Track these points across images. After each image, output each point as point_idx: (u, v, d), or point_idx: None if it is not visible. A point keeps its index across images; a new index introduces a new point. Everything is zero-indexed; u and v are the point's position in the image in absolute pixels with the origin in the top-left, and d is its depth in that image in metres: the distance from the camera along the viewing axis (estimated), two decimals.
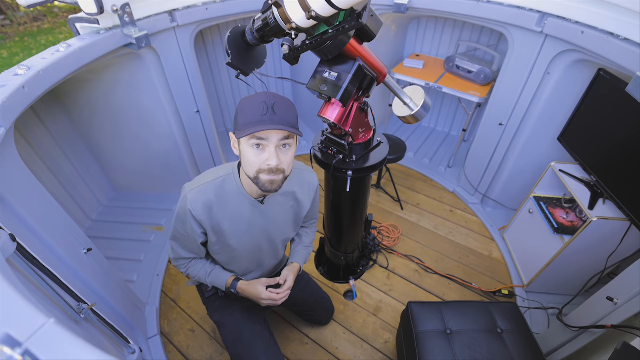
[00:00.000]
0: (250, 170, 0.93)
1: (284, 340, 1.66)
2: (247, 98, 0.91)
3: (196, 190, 1.01)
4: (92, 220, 2.26)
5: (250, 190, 1.04)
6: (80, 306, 1.05)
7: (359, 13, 0.87)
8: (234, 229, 1.08)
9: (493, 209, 2.36)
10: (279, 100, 0.89)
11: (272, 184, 0.92)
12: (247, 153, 0.91)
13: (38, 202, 1.08)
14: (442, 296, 1.87)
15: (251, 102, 0.89)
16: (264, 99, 0.88)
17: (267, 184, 0.92)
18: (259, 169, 0.91)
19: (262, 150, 0.90)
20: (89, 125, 2.08)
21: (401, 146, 2.22)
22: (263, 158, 0.90)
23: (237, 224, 1.08)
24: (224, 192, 1.03)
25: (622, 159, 1.41)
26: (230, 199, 1.04)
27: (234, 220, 1.07)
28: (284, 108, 0.89)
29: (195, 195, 1.00)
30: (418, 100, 1.24)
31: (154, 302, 1.80)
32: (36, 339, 0.39)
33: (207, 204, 1.01)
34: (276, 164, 0.89)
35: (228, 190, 1.03)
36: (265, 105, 0.87)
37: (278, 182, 0.93)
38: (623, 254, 1.47)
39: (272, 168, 0.89)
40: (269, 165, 0.89)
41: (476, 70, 2.32)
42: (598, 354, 1.23)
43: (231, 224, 1.07)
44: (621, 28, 1.31)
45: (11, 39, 7.14)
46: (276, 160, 0.89)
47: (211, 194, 1.02)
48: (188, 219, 1.02)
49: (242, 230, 1.10)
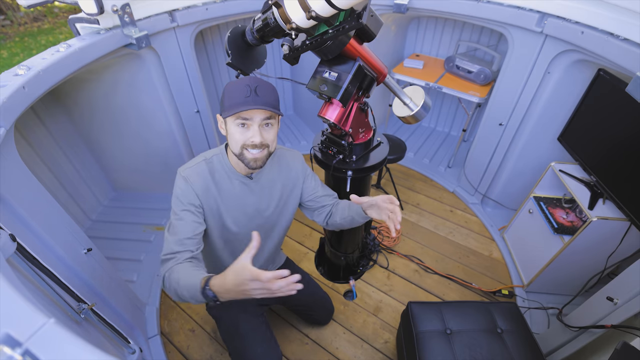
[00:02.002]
0: (235, 147, 1.00)
1: (284, 340, 1.66)
2: (232, 82, 0.98)
3: (191, 169, 1.07)
4: (92, 220, 2.26)
5: (238, 168, 1.09)
6: (80, 306, 1.05)
7: (359, 13, 0.87)
8: (228, 209, 1.11)
9: (493, 209, 2.36)
10: (261, 83, 0.96)
11: (256, 161, 1.00)
12: (233, 131, 0.98)
13: (38, 202, 1.08)
14: (442, 296, 1.87)
15: (236, 85, 0.95)
16: (247, 82, 0.94)
17: (252, 162, 1.00)
18: (244, 144, 0.98)
19: (246, 128, 0.97)
20: (89, 126, 2.08)
21: (401, 146, 2.22)
22: (247, 135, 0.97)
23: (230, 204, 1.11)
24: (215, 169, 1.09)
25: (622, 159, 1.41)
26: (220, 177, 1.09)
27: (228, 199, 1.10)
28: (266, 90, 0.95)
29: (191, 171, 1.06)
30: (418, 100, 1.24)
31: (154, 302, 1.80)
32: (36, 339, 0.39)
33: (203, 177, 1.06)
34: (259, 140, 0.97)
35: (218, 167, 1.09)
36: (249, 87, 0.93)
37: (262, 158, 1.00)
38: (623, 254, 1.47)
39: (256, 144, 0.97)
40: (253, 142, 0.97)
41: (476, 71, 2.32)
42: (598, 354, 1.24)
43: (226, 204, 1.10)
44: (621, 28, 1.31)
45: (11, 39, 7.14)
46: (259, 137, 0.97)
47: (205, 169, 1.07)
48: (188, 193, 1.03)
49: (236, 210, 1.12)
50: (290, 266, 1.53)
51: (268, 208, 1.19)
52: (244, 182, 1.11)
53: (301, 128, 3.20)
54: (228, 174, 1.10)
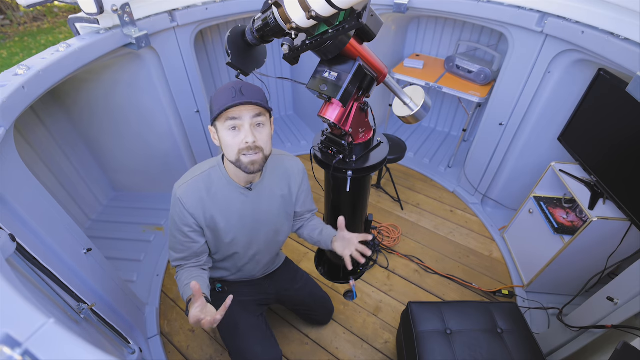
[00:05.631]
0: (231, 154, 0.97)
1: (284, 340, 1.66)
2: (218, 89, 0.97)
3: (185, 185, 1.04)
4: (92, 220, 2.26)
5: (237, 179, 1.07)
6: (80, 306, 1.05)
7: (359, 13, 0.87)
8: (227, 221, 1.10)
9: (493, 209, 2.36)
10: (245, 84, 0.95)
11: (253, 164, 0.97)
12: (225, 137, 0.96)
13: (38, 202, 1.08)
14: (442, 296, 1.87)
15: (221, 90, 0.95)
16: (232, 85, 0.94)
17: (249, 165, 0.97)
18: (239, 150, 0.95)
19: (238, 131, 0.95)
20: (89, 125, 2.08)
21: (401, 146, 2.22)
22: (240, 138, 0.95)
23: (229, 216, 1.10)
24: (212, 184, 1.06)
25: (623, 158, 1.40)
26: (218, 190, 1.07)
27: (226, 212, 1.09)
28: (251, 90, 0.95)
29: (186, 189, 1.04)
30: (418, 100, 1.24)
31: (153, 302, 1.80)
32: (36, 339, 0.39)
33: (198, 195, 1.04)
34: (252, 140, 0.94)
35: (216, 181, 1.07)
36: (234, 89, 0.93)
37: (259, 161, 0.98)
38: (623, 254, 1.46)
39: (250, 145, 0.94)
40: (247, 143, 0.94)
41: (476, 70, 2.32)
42: (598, 354, 1.23)
43: (223, 216, 1.09)
44: (621, 28, 1.31)
45: (11, 38, 7.14)
46: (252, 137, 0.94)
47: (201, 186, 1.05)
48: (182, 214, 1.04)
49: (234, 221, 1.11)
50: (289, 266, 1.53)
51: (268, 218, 1.18)
52: (243, 194, 1.09)
53: (301, 128, 3.20)
54: (227, 187, 1.07)
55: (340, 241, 1.15)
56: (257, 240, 1.21)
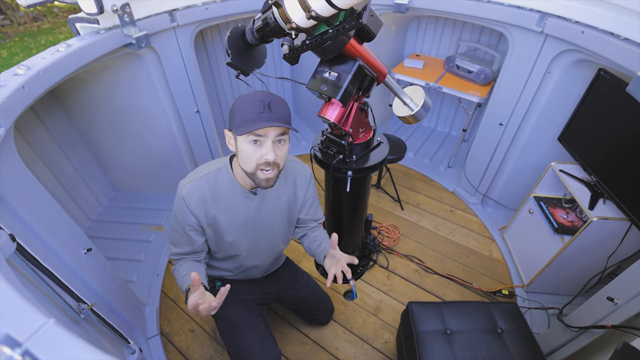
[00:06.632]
0: (248, 165, 0.96)
1: (284, 340, 1.66)
2: (243, 96, 0.95)
3: (190, 185, 1.04)
4: (92, 220, 2.26)
5: (244, 183, 1.06)
6: (80, 306, 1.05)
7: (359, 13, 0.87)
8: (229, 223, 1.10)
9: (493, 209, 2.36)
10: (273, 98, 0.93)
11: (268, 181, 0.97)
12: (246, 149, 0.94)
13: (38, 202, 1.08)
14: (442, 296, 1.87)
15: (248, 101, 0.92)
16: (260, 97, 0.91)
17: (264, 182, 0.97)
18: (257, 164, 0.95)
19: (259, 145, 0.94)
20: (89, 125, 2.08)
21: (401, 146, 2.22)
22: (261, 153, 0.94)
23: (232, 218, 1.10)
24: (217, 186, 1.06)
25: (623, 159, 1.40)
26: (223, 192, 1.07)
27: (229, 214, 1.09)
28: (279, 106, 0.93)
29: (190, 189, 1.03)
30: (418, 100, 1.24)
31: (153, 302, 1.80)
32: (36, 339, 0.39)
33: (202, 196, 1.04)
34: (273, 158, 0.94)
35: (221, 183, 1.06)
36: (262, 103, 0.90)
37: (273, 178, 0.98)
38: (623, 254, 1.46)
39: (269, 162, 0.94)
40: (267, 160, 0.94)
41: (476, 70, 2.32)
42: (598, 354, 1.23)
43: (227, 218, 1.09)
44: (621, 28, 1.31)
45: (11, 38, 7.14)
46: (273, 155, 0.94)
47: (205, 187, 1.05)
48: (184, 213, 1.04)
49: (238, 224, 1.11)
50: (290, 266, 1.53)
51: (272, 222, 1.18)
52: (248, 197, 1.09)
53: (301, 128, 3.20)
54: (232, 189, 1.07)
55: (331, 258, 1.14)
56: (259, 244, 1.21)
